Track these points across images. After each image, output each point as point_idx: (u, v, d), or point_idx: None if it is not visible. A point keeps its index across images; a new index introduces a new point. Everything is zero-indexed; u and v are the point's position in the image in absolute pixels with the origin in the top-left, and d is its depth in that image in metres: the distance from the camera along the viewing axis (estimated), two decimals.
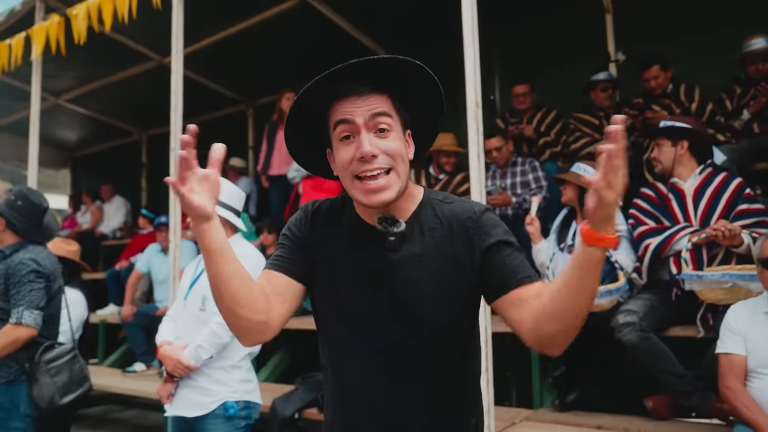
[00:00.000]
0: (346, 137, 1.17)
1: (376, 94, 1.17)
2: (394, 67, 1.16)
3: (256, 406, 2.44)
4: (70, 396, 2.77)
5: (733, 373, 2.41)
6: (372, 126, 1.15)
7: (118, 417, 5.67)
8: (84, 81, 6.97)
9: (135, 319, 5.33)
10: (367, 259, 1.23)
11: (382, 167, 1.14)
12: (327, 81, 1.14)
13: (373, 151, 1.13)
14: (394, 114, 1.19)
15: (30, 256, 2.75)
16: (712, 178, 3.09)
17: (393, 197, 1.16)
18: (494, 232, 1.21)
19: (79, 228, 8.28)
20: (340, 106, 1.16)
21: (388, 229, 1.20)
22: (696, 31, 4.68)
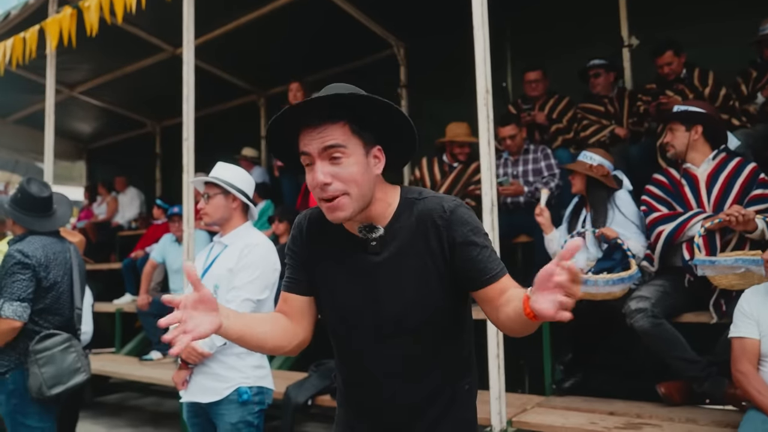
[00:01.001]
0: (308, 164, 1.28)
1: (331, 125, 1.25)
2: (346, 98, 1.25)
3: (269, 392, 2.48)
4: (59, 387, 2.74)
5: (746, 357, 2.40)
6: (325, 156, 1.25)
7: (135, 404, 5.76)
8: (97, 73, 7.02)
9: (150, 308, 5.41)
10: (354, 264, 1.37)
11: (335, 194, 1.25)
12: (289, 114, 1.25)
13: (324, 180, 1.24)
14: (350, 140, 1.26)
15: (18, 248, 2.76)
16: (726, 164, 3.06)
17: (348, 215, 1.27)
18: (462, 230, 1.30)
19: (95, 219, 8.38)
20: (303, 137, 1.27)
21: (368, 235, 1.33)
22: (711, 16, 4.59)
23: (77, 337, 2.96)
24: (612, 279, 2.96)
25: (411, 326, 1.34)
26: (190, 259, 3.97)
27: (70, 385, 2.80)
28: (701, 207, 3.04)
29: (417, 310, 1.33)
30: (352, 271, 1.37)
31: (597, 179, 3.37)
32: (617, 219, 3.27)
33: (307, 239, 1.44)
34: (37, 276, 2.75)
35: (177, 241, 5.54)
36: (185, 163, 4.06)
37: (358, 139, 1.29)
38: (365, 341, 1.37)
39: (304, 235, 1.45)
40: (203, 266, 2.54)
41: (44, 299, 2.80)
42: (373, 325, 1.35)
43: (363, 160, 1.29)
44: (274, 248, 2.54)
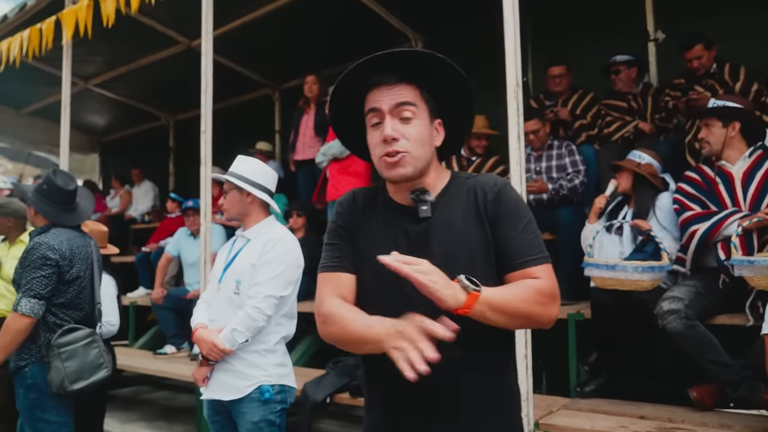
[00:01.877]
0: (375, 124, 1.31)
1: (404, 85, 1.30)
2: (423, 60, 1.31)
3: (291, 390, 2.41)
4: (81, 383, 2.70)
5: None
6: (396, 113, 1.29)
7: (148, 398, 5.73)
8: (112, 65, 6.99)
9: (165, 301, 5.37)
10: (402, 232, 1.34)
11: (400, 150, 1.28)
12: (360, 70, 1.30)
13: (393, 135, 1.27)
14: (419, 103, 1.31)
15: (45, 240, 2.72)
16: (763, 162, 2.96)
17: (409, 173, 1.29)
18: (506, 206, 1.31)
19: (108, 212, 8.37)
20: (371, 95, 1.32)
21: (420, 197, 1.31)
22: (740, 8, 4.45)
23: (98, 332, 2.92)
24: (642, 266, 2.89)
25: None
26: (207, 253, 3.92)
27: (92, 381, 2.75)
28: (737, 206, 2.94)
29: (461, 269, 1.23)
30: (398, 241, 1.33)
31: (645, 177, 3.29)
32: (656, 220, 3.19)
33: (354, 210, 1.42)
34: (60, 270, 2.72)
35: (192, 235, 5.50)
36: (203, 156, 4.00)
37: (426, 106, 1.33)
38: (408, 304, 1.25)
39: (350, 206, 1.42)
40: (225, 260, 2.48)
41: (66, 293, 2.76)
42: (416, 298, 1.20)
43: (428, 125, 1.34)
44: (298, 243, 2.48)
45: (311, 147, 5.53)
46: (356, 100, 1.36)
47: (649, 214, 3.20)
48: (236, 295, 2.35)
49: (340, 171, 4.71)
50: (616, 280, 2.92)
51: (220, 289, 2.42)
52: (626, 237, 3.22)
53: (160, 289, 5.42)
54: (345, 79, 1.32)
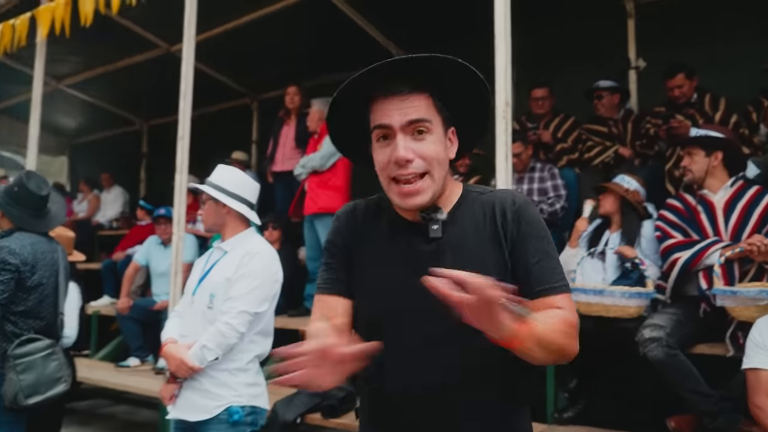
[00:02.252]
0: (383, 138, 1.17)
1: (416, 95, 1.16)
2: (435, 66, 1.15)
3: (262, 412, 2.30)
4: (36, 397, 2.53)
5: (762, 390, 2.31)
6: (409, 130, 1.15)
7: (107, 412, 5.50)
8: (87, 66, 6.82)
9: (131, 312, 5.18)
10: (409, 251, 1.21)
11: (416, 172, 1.14)
12: (367, 77, 1.14)
13: (407, 156, 1.13)
14: (434, 115, 1.18)
15: (6, 244, 2.59)
16: (744, 192, 2.97)
17: (427, 201, 1.16)
18: (527, 229, 1.19)
19: (74, 216, 8.11)
20: (379, 107, 1.17)
21: (431, 216, 1.19)
22: (722, 41, 4.52)
23: (59, 343, 2.77)
24: (629, 292, 2.88)
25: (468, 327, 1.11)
26: (179, 264, 3.78)
27: (48, 395, 2.59)
28: (718, 235, 2.94)
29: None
30: (405, 263, 1.20)
31: (632, 204, 3.28)
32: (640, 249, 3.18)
33: (353, 226, 1.29)
34: (20, 276, 2.57)
35: (162, 244, 5.34)
36: (179, 163, 3.87)
37: (440, 117, 1.19)
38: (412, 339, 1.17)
39: (347, 222, 1.30)
40: (201, 272, 2.36)
41: (27, 301, 2.61)
42: (427, 319, 1.13)
43: (443, 139, 1.20)
44: (277, 257, 2.38)
45: (291, 159, 5.44)
46: (357, 105, 1.21)
47: (633, 243, 3.19)
48: (209, 309, 2.24)
49: (319, 184, 4.61)
50: (602, 306, 2.88)
51: (194, 303, 2.31)
52: (609, 263, 3.20)
53: (126, 298, 5.24)
54: (348, 87, 1.16)
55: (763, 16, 4.39)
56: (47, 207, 2.83)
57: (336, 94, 1.18)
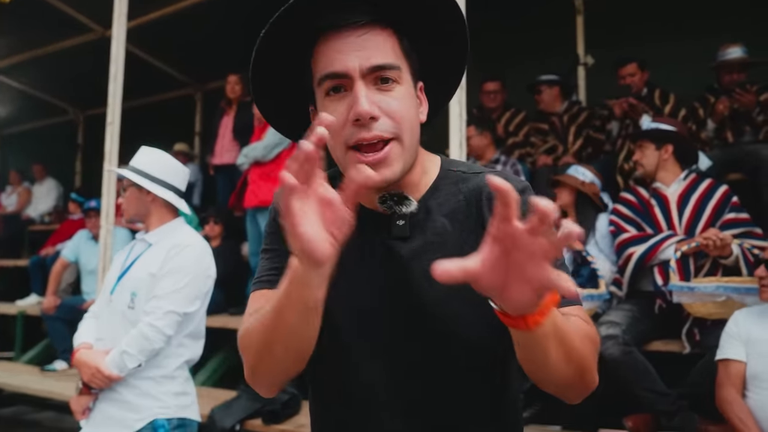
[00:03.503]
0: (335, 90, 0.85)
1: (378, 30, 0.85)
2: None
3: (192, 424, 2.05)
4: None
5: (730, 382, 2.25)
6: (371, 78, 0.84)
7: (32, 419, 5.10)
8: (15, 50, 6.35)
9: (58, 311, 4.81)
10: (370, 252, 0.92)
11: (382, 135, 0.83)
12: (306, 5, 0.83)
13: (372, 112, 0.82)
14: (402, 60, 0.87)
15: None
16: (697, 184, 2.93)
17: (397, 175, 0.86)
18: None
19: (2, 210, 7.60)
20: (327, 49, 0.85)
21: (395, 209, 0.90)
22: (668, 38, 4.57)
23: None
24: (581, 294, 2.74)
25: (448, 351, 0.89)
26: (107, 260, 3.49)
27: None
28: (672, 228, 2.88)
29: (459, 321, 0.88)
30: (362, 263, 0.91)
31: (588, 196, 3.19)
32: (594, 242, 3.09)
33: None
34: None
35: (93, 239, 4.98)
36: (107, 151, 3.59)
37: (408, 65, 0.89)
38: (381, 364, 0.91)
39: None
40: (121, 267, 2.10)
41: None
42: (392, 345, 0.90)
43: (413, 93, 0.89)
44: (209, 250, 2.14)
45: (230, 151, 5.19)
46: (294, 56, 0.90)
47: (588, 236, 3.10)
48: (130, 309, 1.99)
49: (261, 176, 4.37)
50: None
51: (112, 302, 2.04)
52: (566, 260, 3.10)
53: (52, 297, 4.86)
54: (279, 24, 0.84)
55: (709, 15, 4.44)
56: None
57: (262, 34, 0.85)
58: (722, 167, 3.72)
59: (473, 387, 0.91)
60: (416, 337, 0.89)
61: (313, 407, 1.04)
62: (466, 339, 0.88)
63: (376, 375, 0.91)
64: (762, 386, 2.17)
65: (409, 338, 0.89)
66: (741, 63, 3.87)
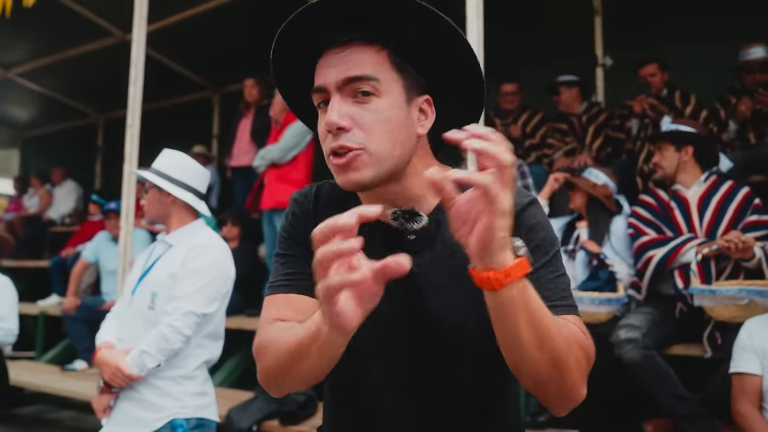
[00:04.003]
0: (324, 103, 0.92)
1: (359, 46, 0.89)
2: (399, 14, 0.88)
3: (211, 424, 2.07)
4: None
5: (746, 396, 2.19)
6: (348, 91, 0.89)
7: (53, 418, 5.16)
8: (37, 54, 6.46)
9: (78, 312, 4.88)
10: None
11: (348, 146, 0.87)
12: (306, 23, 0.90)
13: (339, 122, 0.87)
14: (387, 74, 0.90)
15: None
16: (718, 186, 2.89)
17: (368, 179, 0.89)
18: (530, 236, 0.93)
19: (25, 212, 7.72)
20: (319, 64, 0.92)
21: (405, 225, 0.94)
22: (687, 39, 4.51)
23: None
24: (599, 298, 2.73)
25: (458, 358, 0.94)
26: (127, 261, 3.53)
27: None
28: (692, 231, 2.84)
29: (467, 334, 0.92)
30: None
31: (599, 199, 3.16)
32: (609, 245, 3.06)
33: (315, 219, 1.00)
34: None
35: (113, 240, 5.05)
36: (127, 153, 3.63)
37: (399, 76, 0.91)
38: (383, 377, 0.96)
39: (310, 212, 1.02)
40: (143, 268, 2.13)
41: None
42: (400, 354, 0.95)
43: (401, 105, 0.91)
44: (229, 252, 2.16)
45: (247, 153, 5.22)
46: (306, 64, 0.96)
47: (603, 239, 3.08)
48: (151, 310, 2.02)
49: (278, 178, 4.39)
50: None
51: (133, 302, 2.07)
52: (579, 261, 3.07)
53: (73, 297, 4.93)
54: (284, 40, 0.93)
55: (728, 17, 4.39)
56: None
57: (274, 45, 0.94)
58: (745, 169, 3.67)
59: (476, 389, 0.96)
60: (423, 344, 0.94)
61: (325, 410, 1.08)
62: (471, 346, 0.93)
63: (384, 378, 0.96)
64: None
65: (417, 346, 0.94)
66: (763, 63, 3.82)
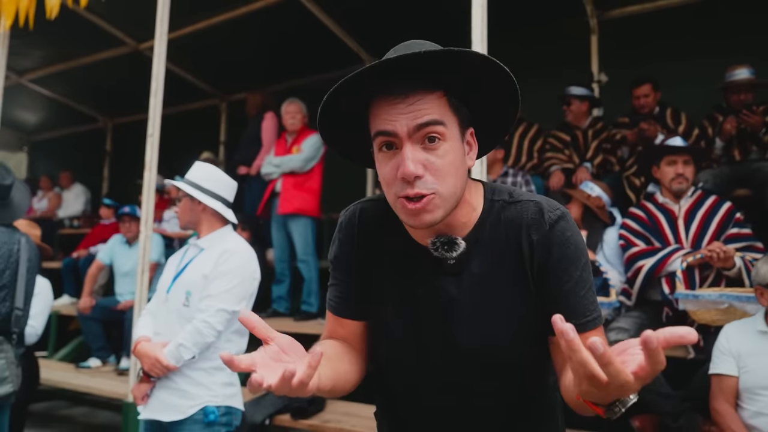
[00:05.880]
0: (387, 146, 0.98)
1: (426, 94, 0.95)
2: (449, 61, 0.94)
3: (237, 413, 2.28)
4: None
5: (723, 396, 2.40)
6: (418, 137, 0.95)
7: (66, 414, 5.35)
8: (50, 61, 6.64)
9: (93, 312, 5.06)
10: (420, 285, 1.07)
11: (423, 192, 0.95)
12: (365, 77, 0.94)
13: (416, 172, 0.94)
14: (449, 116, 0.97)
15: None
16: (703, 201, 3.11)
17: (438, 219, 0.98)
18: (559, 252, 1.01)
19: (34, 214, 7.88)
20: (381, 110, 0.97)
21: (445, 255, 1.03)
22: (680, 58, 4.73)
23: (10, 341, 2.58)
24: None
25: (494, 371, 1.06)
26: (146, 263, 3.73)
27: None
28: (679, 242, 3.06)
29: (502, 350, 1.04)
30: (416, 295, 1.07)
31: (592, 210, 3.37)
32: (602, 254, 3.27)
33: (359, 242, 1.13)
34: None
35: (126, 243, 5.24)
36: (148, 161, 3.82)
37: (455, 117, 0.99)
38: (430, 387, 1.09)
39: (355, 236, 1.14)
40: (176, 269, 2.34)
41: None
42: (443, 367, 1.07)
43: (460, 146, 0.99)
44: (255, 256, 2.38)
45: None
46: (353, 106, 1.02)
47: (597, 247, 3.29)
48: (185, 307, 2.22)
49: (295, 185, 4.63)
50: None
51: (168, 300, 2.28)
52: None
53: (88, 298, 5.10)
54: (343, 87, 0.96)
55: (717, 35, 4.61)
56: (10, 196, 2.70)
57: (328, 96, 0.97)
58: (730, 183, 3.89)
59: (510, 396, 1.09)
60: (462, 358, 1.06)
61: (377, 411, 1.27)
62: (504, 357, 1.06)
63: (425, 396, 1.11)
64: (754, 398, 2.33)
65: (456, 359, 1.06)
66: (748, 84, 4.02)
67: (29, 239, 2.77)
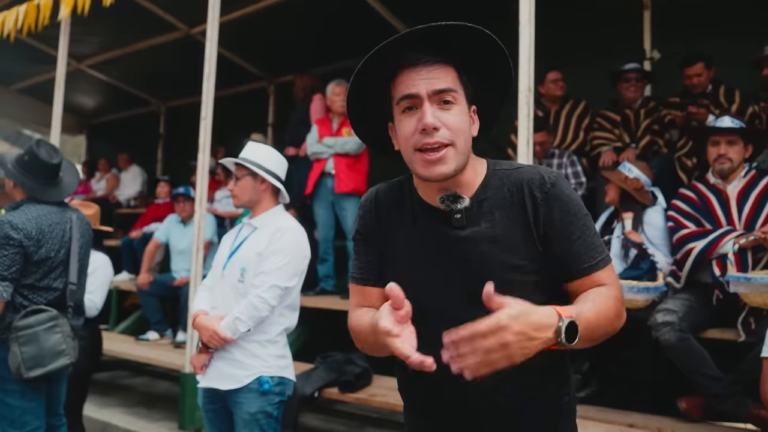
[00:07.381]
0: (409, 108, 1.16)
1: (442, 66, 1.15)
2: (462, 38, 1.14)
3: (290, 383, 2.40)
4: (38, 370, 2.50)
5: None
6: (436, 99, 1.14)
7: (126, 383, 5.65)
8: (108, 47, 6.89)
9: (151, 287, 5.31)
10: (434, 240, 1.21)
11: (442, 142, 1.12)
12: (393, 48, 1.13)
13: (435, 123, 1.12)
14: (459, 88, 1.16)
15: (8, 218, 2.53)
16: (757, 182, 3.03)
17: (452, 171, 1.14)
18: (563, 207, 1.16)
19: (93, 194, 8.25)
20: (404, 78, 1.15)
21: (452, 206, 1.18)
22: (732, 36, 4.54)
23: (66, 315, 2.69)
24: (637, 286, 2.91)
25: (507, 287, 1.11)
26: (201, 241, 3.89)
27: (51, 369, 2.55)
28: (731, 224, 3.00)
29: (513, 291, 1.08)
30: (431, 250, 1.21)
31: (629, 191, 3.32)
32: (644, 236, 3.23)
33: (377, 215, 1.30)
34: (25, 251, 2.53)
35: (181, 222, 5.45)
36: (201, 143, 3.97)
37: (463, 90, 1.18)
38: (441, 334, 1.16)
39: (372, 211, 1.30)
40: (231, 247, 2.46)
41: (34, 274, 2.58)
42: (455, 313, 1.12)
43: (467, 113, 1.18)
44: (305, 235, 2.47)
45: None
46: (375, 86, 1.20)
47: (637, 230, 3.24)
48: (240, 283, 2.34)
49: (349, 166, 4.77)
50: None
51: (224, 276, 2.40)
52: (613, 253, 3.24)
53: (146, 274, 5.35)
54: (372, 59, 1.14)
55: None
56: (59, 176, 2.78)
57: (361, 64, 1.15)
58: None
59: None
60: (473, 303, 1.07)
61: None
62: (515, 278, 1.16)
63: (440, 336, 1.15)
64: None
65: (467, 304, 1.10)
66: None
67: (80, 214, 2.87)
